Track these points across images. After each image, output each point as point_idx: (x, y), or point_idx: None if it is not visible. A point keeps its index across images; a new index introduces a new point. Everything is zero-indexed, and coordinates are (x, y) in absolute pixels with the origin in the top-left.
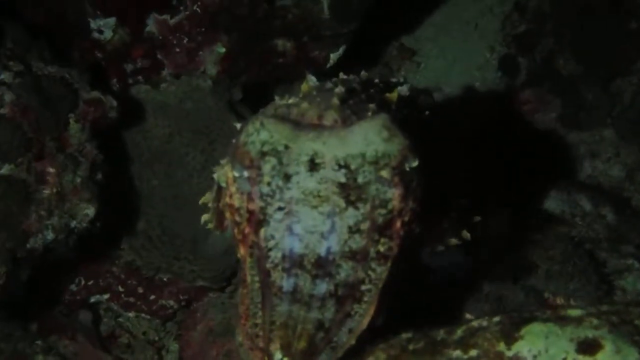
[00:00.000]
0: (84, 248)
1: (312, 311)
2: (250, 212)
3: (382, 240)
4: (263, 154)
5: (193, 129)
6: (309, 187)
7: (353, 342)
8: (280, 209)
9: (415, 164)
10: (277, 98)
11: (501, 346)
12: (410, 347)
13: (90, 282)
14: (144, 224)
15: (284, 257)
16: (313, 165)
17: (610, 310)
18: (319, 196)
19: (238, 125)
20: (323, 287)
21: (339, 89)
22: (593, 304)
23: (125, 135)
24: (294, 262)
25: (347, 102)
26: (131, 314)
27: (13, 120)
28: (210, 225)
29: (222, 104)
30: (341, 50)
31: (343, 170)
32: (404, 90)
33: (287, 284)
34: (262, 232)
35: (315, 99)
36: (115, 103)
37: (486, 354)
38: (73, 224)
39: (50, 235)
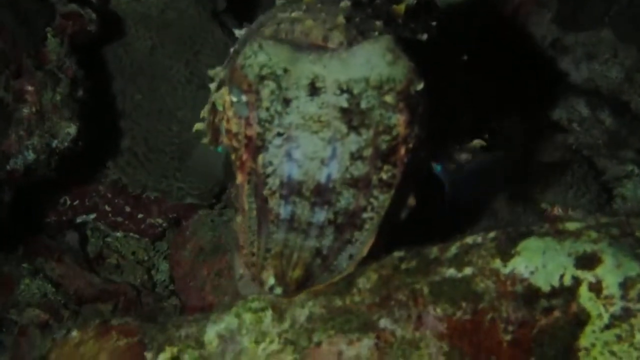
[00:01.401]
0: (67, 168)
1: (310, 239)
2: (249, 138)
3: (386, 167)
4: (261, 78)
5: (176, 40)
6: (310, 112)
7: (352, 269)
8: (279, 134)
9: (420, 87)
10: (279, 5)
11: (497, 263)
12: (403, 266)
13: (76, 202)
14: (129, 141)
15: (282, 184)
16: (314, 90)
17: (610, 222)
18: (320, 121)
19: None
20: (322, 215)
21: (345, 3)
22: (592, 215)
23: (107, 49)
24: (292, 189)
25: (353, 19)
26: (119, 234)
27: None
28: (205, 140)
29: (205, 14)
30: None
31: (345, 95)
32: (411, 0)
33: (284, 211)
34: (260, 158)
35: (320, 13)
36: (94, 16)
37: (481, 272)
38: (54, 143)
39: (31, 156)
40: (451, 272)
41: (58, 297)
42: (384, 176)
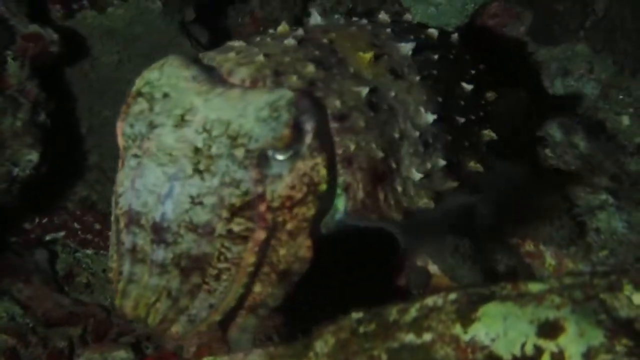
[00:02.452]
0: (31, 192)
1: (153, 277)
2: (120, 148)
3: (237, 220)
4: (138, 94)
5: (143, 54)
6: (165, 143)
7: (218, 318)
8: (135, 156)
9: (284, 157)
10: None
11: (457, 329)
12: (361, 329)
13: (45, 220)
14: (97, 157)
15: (125, 210)
16: (181, 121)
17: (573, 284)
18: (170, 155)
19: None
20: (161, 253)
21: (289, 41)
22: (555, 277)
23: (72, 65)
24: (132, 219)
25: (284, 63)
26: (89, 251)
27: None
28: None
29: (173, 26)
30: None
31: (204, 135)
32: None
33: (127, 240)
34: (118, 174)
35: (265, 48)
36: (55, 36)
37: (441, 338)
38: (15, 171)
39: None
40: (410, 337)
41: (26, 320)
42: (236, 228)
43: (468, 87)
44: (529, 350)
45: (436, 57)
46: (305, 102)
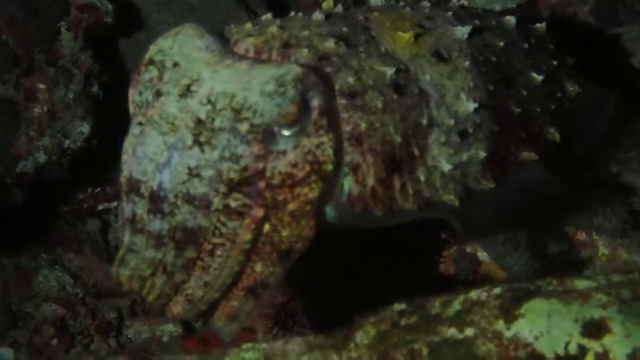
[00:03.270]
0: (83, 165)
1: (150, 249)
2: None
3: (235, 195)
4: (150, 62)
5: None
6: (169, 112)
7: (216, 295)
8: (140, 124)
9: (289, 132)
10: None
11: (500, 325)
12: (403, 321)
13: (97, 190)
14: None
15: (127, 178)
16: (187, 91)
17: (621, 282)
18: (172, 124)
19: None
20: (157, 224)
21: (317, 16)
22: (603, 274)
23: (128, 37)
24: (133, 187)
25: (300, 36)
26: None
27: None
28: None
29: None
30: None
31: (208, 107)
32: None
33: (127, 208)
34: (124, 141)
35: (285, 21)
36: (110, 7)
37: (483, 334)
38: (66, 143)
39: (42, 158)
40: (452, 332)
41: (76, 290)
42: (232, 204)
43: (538, 77)
44: (573, 349)
45: (502, 44)
46: (312, 78)
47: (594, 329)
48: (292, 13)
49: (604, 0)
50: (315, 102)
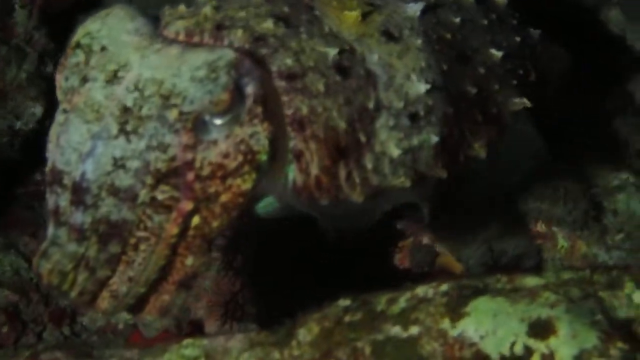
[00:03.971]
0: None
1: (72, 243)
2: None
3: (163, 187)
4: (77, 45)
5: (161, 2)
6: (94, 99)
7: (142, 290)
8: (64, 111)
9: (221, 121)
10: None
11: (445, 323)
12: (347, 318)
13: None
14: None
15: (50, 168)
16: (114, 77)
17: (572, 280)
18: (97, 112)
19: None
20: (79, 217)
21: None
22: (554, 271)
23: (87, 14)
24: (56, 178)
25: (241, 21)
26: None
27: None
28: None
29: None
30: None
31: (135, 94)
32: None
33: (50, 200)
34: (50, 129)
35: (222, 2)
36: None
37: (428, 332)
38: (18, 125)
39: None
40: (396, 330)
41: (30, 275)
42: (160, 196)
43: (497, 53)
44: (519, 350)
45: (458, 20)
46: (247, 63)
47: (540, 329)
48: None
49: None
50: (250, 89)
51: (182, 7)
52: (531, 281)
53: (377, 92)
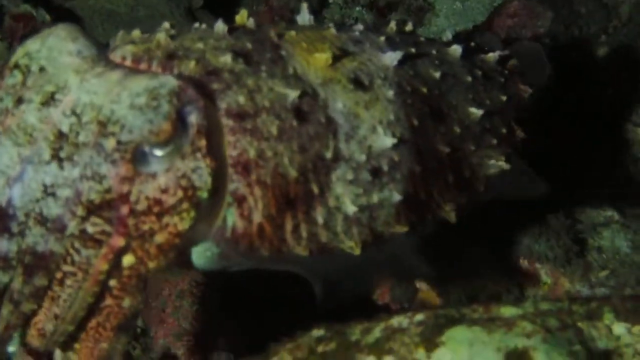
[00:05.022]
0: None
1: None
2: None
3: (94, 219)
4: (15, 66)
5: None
6: (27, 121)
7: (69, 328)
8: None
9: (161, 152)
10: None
11: (420, 353)
12: (320, 348)
13: None
14: None
15: None
16: (50, 100)
17: (550, 310)
18: (30, 135)
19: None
20: (4, 245)
21: (220, 27)
22: (532, 301)
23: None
24: None
25: (187, 48)
26: None
27: None
28: None
29: (179, 12)
30: None
31: (72, 119)
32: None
33: None
34: None
35: (179, 31)
36: (48, 17)
37: None
38: None
39: None
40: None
41: None
42: (90, 229)
43: (477, 112)
44: None
45: (438, 74)
46: (190, 92)
47: (517, 358)
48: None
49: (558, 23)
50: (193, 119)
51: (136, 32)
52: (508, 311)
53: (336, 142)
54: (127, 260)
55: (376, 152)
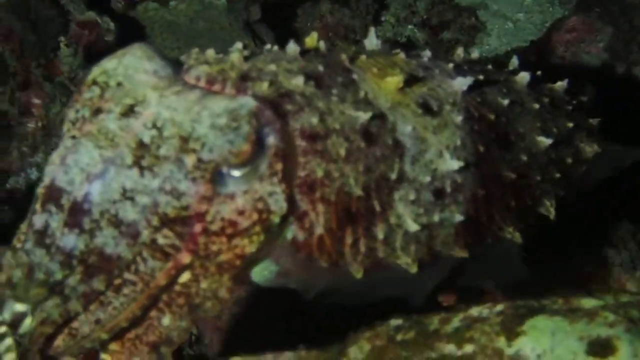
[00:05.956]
0: None
1: (52, 263)
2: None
3: (166, 232)
4: (93, 83)
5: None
6: (108, 127)
7: (104, 337)
8: (73, 137)
9: (239, 173)
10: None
11: (501, 342)
12: (399, 337)
13: None
14: None
15: (47, 186)
16: (129, 111)
17: (630, 302)
18: (112, 140)
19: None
20: (70, 240)
21: (292, 49)
22: (611, 294)
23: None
24: (52, 196)
25: (269, 72)
26: None
27: None
28: None
29: (237, 25)
30: None
31: (153, 131)
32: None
33: (39, 219)
34: (52, 155)
35: (253, 52)
36: (112, 25)
37: (483, 351)
38: None
39: (34, 174)
40: (450, 348)
41: None
42: (161, 240)
43: (545, 141)
44: None
45: (506, 102)
46: (268, 114)
47: (600, 347)
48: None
49: (618, 38)
50: (271, 140)
51: (210, 52)
52: (589, 302)
53: (402, 164)
54: (184, 277)
55: (440, 174)
